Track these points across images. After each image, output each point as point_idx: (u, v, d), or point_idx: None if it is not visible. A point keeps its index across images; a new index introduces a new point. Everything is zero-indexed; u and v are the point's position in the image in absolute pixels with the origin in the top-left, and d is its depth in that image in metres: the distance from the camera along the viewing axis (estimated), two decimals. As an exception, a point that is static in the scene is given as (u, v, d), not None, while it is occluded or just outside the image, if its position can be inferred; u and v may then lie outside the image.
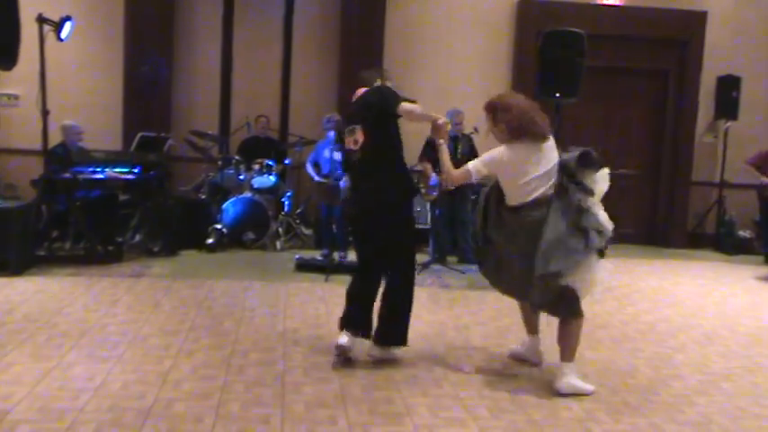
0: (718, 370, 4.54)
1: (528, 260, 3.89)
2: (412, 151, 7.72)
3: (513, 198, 4.05)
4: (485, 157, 4.10)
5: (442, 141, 4.22)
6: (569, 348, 3.99)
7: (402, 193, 4.28)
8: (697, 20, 9.89)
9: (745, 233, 9.79)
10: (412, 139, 8.63)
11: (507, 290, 4.32)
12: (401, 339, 4.33)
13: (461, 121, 7.74)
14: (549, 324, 4.31)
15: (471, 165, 4.09)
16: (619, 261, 8.57)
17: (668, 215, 10.22)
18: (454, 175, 4.13)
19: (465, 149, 7.59)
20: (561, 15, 9.06)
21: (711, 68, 9.93)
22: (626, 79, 10.16)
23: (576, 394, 3.89)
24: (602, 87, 9.71)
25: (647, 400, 3.93)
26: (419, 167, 7.25)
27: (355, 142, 4.27)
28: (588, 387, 3.96)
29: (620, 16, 9.79)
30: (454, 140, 7.57)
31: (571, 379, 3.93)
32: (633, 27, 9.77)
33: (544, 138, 4.04)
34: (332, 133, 7.62)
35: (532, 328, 4.42)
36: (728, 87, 9.87)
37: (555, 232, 3.84)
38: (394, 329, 4.31)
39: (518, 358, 4.46)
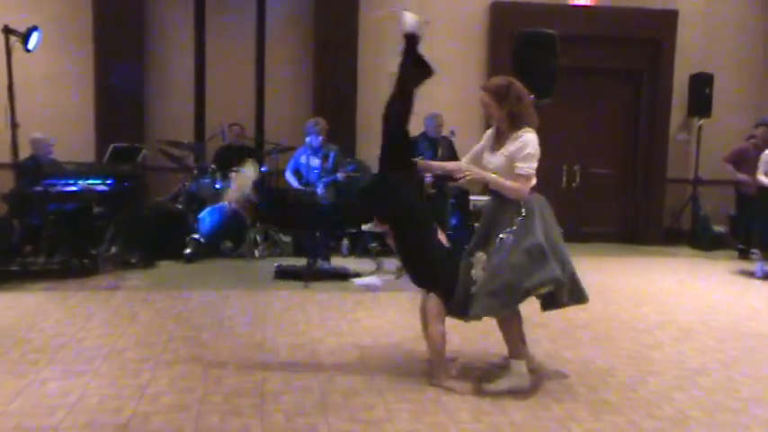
0: (695, 365, 4.58)
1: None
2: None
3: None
4: (528, 154, 3.91)
5: (462, 177, 4.13)
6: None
7: None
8: (668, 19, 10.01)
9: (719, 229, 9.90)
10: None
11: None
12: None
13: (441, 124, 7.77)
14: (543, 326, 4.33)
15: (524, 169, 3.91)
16: (596, 260, 8.67)
17: (644, 213, 10.32)
18: (518, 187, 3.93)
19: (446, 152, 7.60)
20: (534, 16, 9.12)
21: (684, 67, 10.06)
22: (599, 79, 10.25)
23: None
24: (575, 88, 9.78)
25: (626, 397, 3.96)
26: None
27: None
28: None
29: (593, 16, 9.88)
30: (434, 143, 7.60)
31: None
32: (605, 27, 9.86)
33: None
34: (317, 138, 7.54)
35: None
36: (701, 85, 9.99)
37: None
38: None
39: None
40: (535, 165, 3.95)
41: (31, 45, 6.95)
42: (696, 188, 10.18)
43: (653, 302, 6.45)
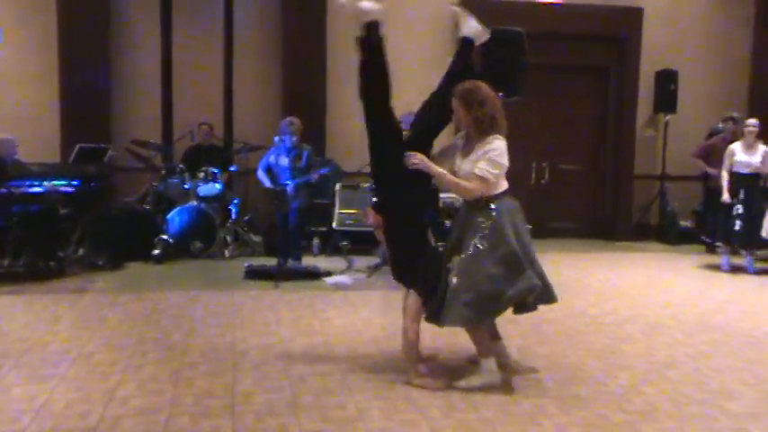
0: (664, 359, 4.63)
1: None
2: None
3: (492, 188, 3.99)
4: (491, 155, 3.90)
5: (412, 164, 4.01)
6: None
7: None
8: (633, 16, 10.12)
9: (686, 223, 10.04)
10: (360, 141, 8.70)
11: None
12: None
13: None
14: (514, 322, 4.36)
15: (483, 171, 3.88)
16: (566, 255, 8.74)
17: (613, 209, 10.44)
18: (471, 187, 3.91)
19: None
20: (502, 14, 9.11)
21: (649, 63, 10.18)
22: (567, 76, 10.33)
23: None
24: (543, 85, 9.83)
25: (596, 391, 3.99)
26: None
27: None
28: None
29: (560, 14, 9.95)
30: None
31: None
32: (572, 25, 9.94)
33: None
34: (291, 138, 7.46)
35: (492, 334, 4.35)
36: (666, 81, 10.12)
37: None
38: None
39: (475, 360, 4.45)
40: (496, 171, 3.91)
41: (-8, 43, 6.82)
42: (663, 183, 10.31)
43: (622, 297, 6.53)
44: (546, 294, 4.13)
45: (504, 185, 4.05)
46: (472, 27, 4.37)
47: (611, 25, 10.11)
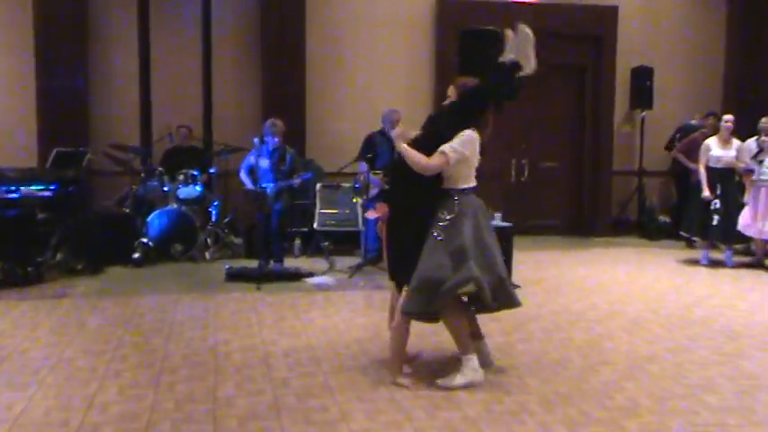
0: (645, 354, 4.67)
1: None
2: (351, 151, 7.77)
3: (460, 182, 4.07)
4: (461, 142, 3.97)
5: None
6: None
7: None
8: (609, 14, 10.19)
9: (665, 219, 10.12)
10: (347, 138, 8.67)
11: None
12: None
13: (399, 119, 7.66)
14: (496, 319, 4.35)
15: (446, 147, 3.95)
16: (546, 252, 8.79)
17: (592, 205, 10.50)
18: (431, 163, 3.97)
19: None
20: (479, 13, 9.17)
21: (625, 60, 10.24)
22: (544, 75, 10.33)
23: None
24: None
25: (578, 388, 4.01)
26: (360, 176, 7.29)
27: None
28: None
29: (536, 13, 9.96)
30: (391, 140, 7.52)
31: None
32: (548, 23, 9.95)
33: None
34: (273, 139, 7.42)
35: (475, 333, 4.35)
36: (642, 78, 10.19)
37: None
38: None
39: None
40: (457, 149, 3.95)
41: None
42: (641, 179, 10.39)
43: (603, 293, 6.57)
44: (506, 299, 4.13)
45: (471, 182, 4.11)
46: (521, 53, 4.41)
47: (587, 23, 10.16)
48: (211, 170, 8.64)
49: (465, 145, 4.00)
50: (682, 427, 3.49)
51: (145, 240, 7.71)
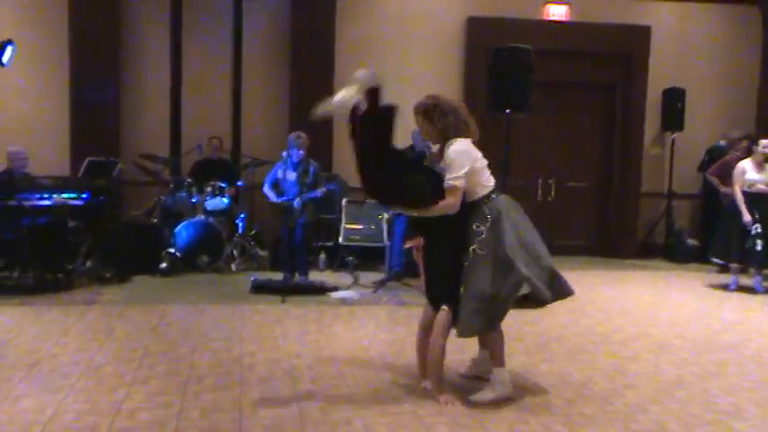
0: (671, 378, 4.63)
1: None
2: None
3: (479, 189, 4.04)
4: (456, 164, 3.90)
5: None
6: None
7: None
8: (641, 34, 10.16)
9: (693, 242, 10.02)
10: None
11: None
12: None
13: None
14: (519, 340, 4.34)
15: (448, 183, 3.91)
16: (571, 273, 8.67)
17: (619, 226, 10.43)
18: (450, 202, 3.92)
19: (431, 164, 7.53)
20: (510, 31, 9.22)
21: (656, 81, 10.20)
22: (574, 94, 10.36)
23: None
24: (550, 102, 9.88)
25: (603, 410, 3.99)
26: None
27: None
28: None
29: (567, 32, 10.00)
30: (421, 156, 7.53)
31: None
32: (579, 42, 9.98)
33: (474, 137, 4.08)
34: (298, 152, 7.50)
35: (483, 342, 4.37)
36: (673, 99, 10.13)
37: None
38: None
39: (473, 375, 4.46)
40: (461, 173, 3.90)
41: (5, 59, 6.89)
42: (670, 202, 10.31)
43: (628, 315, 6.52)
44: (559, 289, 4.13)
45: (490, 182, 4.07)
46: (362, 77, 4.23)
47: (619, 43, 10.14)
48: (239, 183, 8.73)
49: (462, 163, 3.92)
50: (708, 453, 3.45)
51: (172, 250, 7.80)
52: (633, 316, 6.49)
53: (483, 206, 4.00)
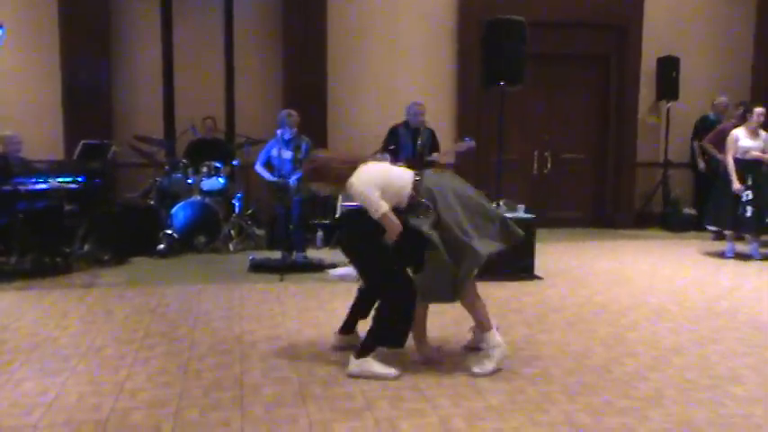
0: (669, 345, 4.66)
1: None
2: (372, 144, 7.77)
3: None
4: (367, 197, 3.95)
5: None
6: None
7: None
8: (634, 3, 10.11)
9: (690, 211, 10.05)
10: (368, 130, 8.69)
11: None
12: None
13: (423, 111, 7.64)
14: (518, 311, 4.38)
15: (379, 210, 3.94)
16: (569, 244, 8.77)
17: (615, 197, 10.45)
18: (392, 226, 3.96)
19: (426, 140, 7.54)
20: (502, 4, 9.13)
21: (651, 50, 10.16)
22: (568, 65, 10.33)
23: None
24: (544, 74, 9.85)
25: (602, 378, 4.02)
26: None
27: None
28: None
29: (560, 3, 9.93)
30: (414, 132, 7.55)
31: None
32: (572, 13, 9.93)
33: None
34: (289, 131, 7.49)
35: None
36: (668, 68, 10.11)
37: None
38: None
39: (471, 347, 4.49)
40: (375, 200, 3.93)
41: (-5, 41, 6.82)
42: (666, 171, 10.32)
43: (626, 285, 6.54)
44: (512, 232, 4.19)
45: (407, 176, 4.10)
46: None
47: (612, 13, 10.09)
48: (234, 162, 8.71)
49: (369, 193, 3.95)
50: (707, 418, 3.48)
51: (169, 232, 7.80)
52: (631, 285, 6.52)
53: (416, 198, 4.03)
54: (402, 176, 4.13)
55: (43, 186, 6.86)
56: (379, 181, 4.02)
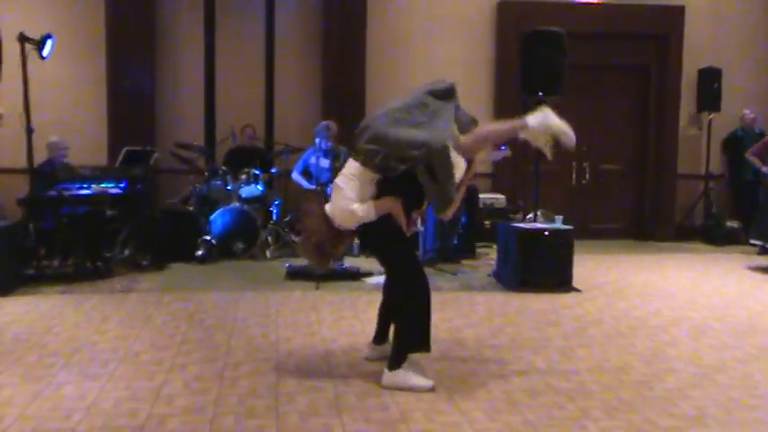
0: (711, 362, 4.55)
1: None
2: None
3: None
4: (346, 205, 4.08)
5: None
6: None
7: None
8: (675, 14, 9.98)
9: (732, 224, 9.85)
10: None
11: None
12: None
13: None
14: (556, 324, 4.32)
15: (356, 211, 4.07)
16: (607, 256, 8.65)
17: (655, 209, 10.29)
18: (361, 210, 4.09)
19: None
20: (541, 15, 9.10)
21: (692, 61, 10.02)
22: (608, 75, 10.23)
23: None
24: (585, 84, 9.77)
25: (641, 395, 3.94)
26: None
27: None
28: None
29: (599, 13, 9.86)
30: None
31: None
32: (612, 24, 9.85)
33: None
34: (327, 143, 7.54)
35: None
36: (709, 79, 9.96)
37: None
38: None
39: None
40: (356, 213, 4.06)
41: (45, 52, 6.95)
42: (707, 183, 10.14)
43: (666, 299, 6.43)
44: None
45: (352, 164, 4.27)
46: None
47: (653, 23, 9.97)
48: (273, 170, 8.78)
49: (347, 209, 4.08)
50: (750, 438, 3.40)
51: (208, 238, 7.88)
52: (671, 299, 6.41)
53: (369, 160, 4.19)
54: (350, 166, 4.27)
55: (87, 192, 6.99)
56: (350, 194, 4.11)
